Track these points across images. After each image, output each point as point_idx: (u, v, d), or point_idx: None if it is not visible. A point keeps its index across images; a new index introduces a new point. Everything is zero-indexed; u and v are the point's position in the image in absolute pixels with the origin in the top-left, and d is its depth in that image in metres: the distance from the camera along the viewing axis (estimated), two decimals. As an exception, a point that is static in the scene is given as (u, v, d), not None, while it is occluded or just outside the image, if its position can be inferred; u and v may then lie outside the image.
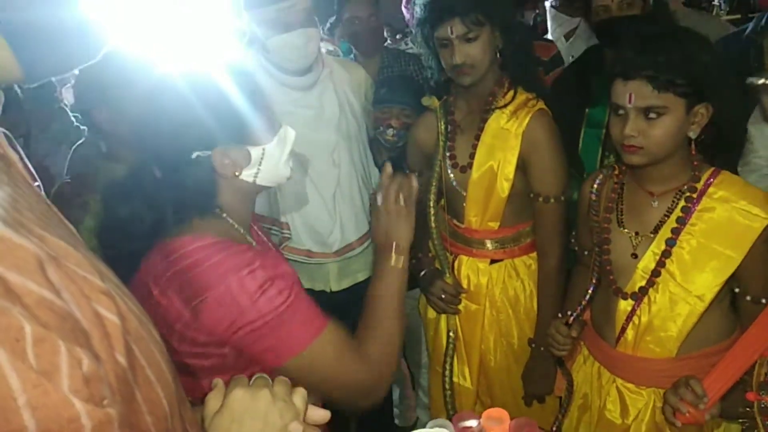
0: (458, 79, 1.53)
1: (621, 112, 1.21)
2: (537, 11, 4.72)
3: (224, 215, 1.04)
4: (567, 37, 3.01)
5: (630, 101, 1.17)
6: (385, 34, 2.74)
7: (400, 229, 1.14)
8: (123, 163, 1.59)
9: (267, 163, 1.03)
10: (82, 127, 1.89)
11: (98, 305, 0.41)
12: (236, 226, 1.06)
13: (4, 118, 2.03)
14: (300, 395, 0.71)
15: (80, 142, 1.86)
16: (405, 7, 2.56)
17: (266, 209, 1.84)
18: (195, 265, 0.95)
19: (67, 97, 2.51)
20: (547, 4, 3.39)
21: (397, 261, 1.12)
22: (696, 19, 2.55)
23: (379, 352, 1.06)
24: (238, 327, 0.94)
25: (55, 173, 2.14)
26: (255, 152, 1.02)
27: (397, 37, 3.62)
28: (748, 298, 1.25)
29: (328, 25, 2.63)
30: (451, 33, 1.47)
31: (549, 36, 3.21)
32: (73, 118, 2.37)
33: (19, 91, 2.31)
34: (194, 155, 0.98)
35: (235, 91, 0.99)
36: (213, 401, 0.69)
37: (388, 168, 1.15)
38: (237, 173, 1.01)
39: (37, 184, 1.49)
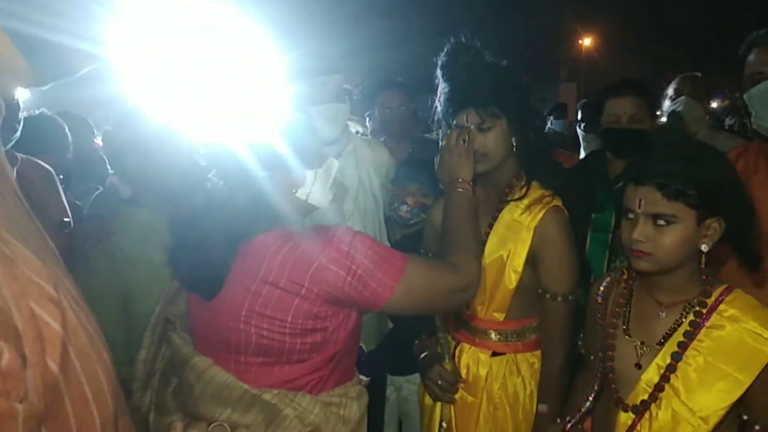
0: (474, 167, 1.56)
1: (631, 216, 1.20)
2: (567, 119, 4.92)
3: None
4: None
5: (640, 206, 1.17)
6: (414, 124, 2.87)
7: (462, 165, 1.43)
8: (143, 207, 1.64)
9: (317, 185, 1.23)
10: (111, 171, 1.98)
11: (42, 310, 0.41)
12: None
13: (51, 159, 2.11)
14: None
15: (104, 188, 1.94)
16: (437, 102, 2.70)
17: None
18: (297, 245, 1.13)
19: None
20: (578, 128, 3.60)
21: (463, 192, 1.40)
22: (721, 140, 2.60)
23: (462, 256, 1.30)
24: (352, 275, 1.12)
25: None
26: (309, 174, 1.22)
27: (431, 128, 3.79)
28: (758, 427, 1.18)
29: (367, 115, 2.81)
30: (467, 122, 1.51)
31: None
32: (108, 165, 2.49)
33: (69, 135, 2.45)
34: (262, 174, 1.16)
35: (296, 125, 1.22)
36: None
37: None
38: (294, 191, 1.20)
39: (68, 219, 1.52)
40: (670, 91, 2.85)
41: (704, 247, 1.18)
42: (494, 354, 1.65)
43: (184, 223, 1.24)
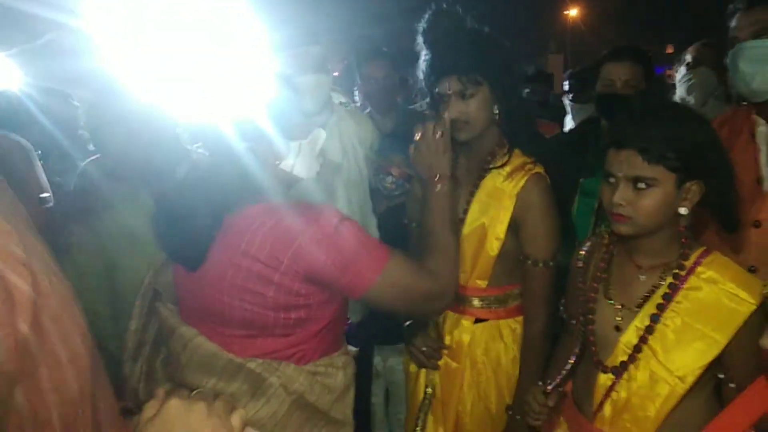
0: (454, 135, 1.55)
1: (612, 180, 1.21)
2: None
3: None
4: None
5: (620, 169, 1.18)
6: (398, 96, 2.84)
7: (441, 160, 1.38)
8: (125, 181, 1.63)
9: (302, 156, 1.22)
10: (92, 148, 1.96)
11: (11, 272, 0.41)
12: None
13: (28, 134, 2.08)
14: (239, 416, 0.70)
15: (89, 160, 1.91)
16: (419, 71, 2.68)
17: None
18: (281, 220, 1.11)
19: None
20: (565, 98, 3.58)
21: (441, 188, 1.36)
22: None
23: (441, 261, 1.26)
24: (332, 260, 1.10)
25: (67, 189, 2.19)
26: (293, 145, 1.20)
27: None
28: (732, 385, 1.21)
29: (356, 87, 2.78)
30: (449, 89, 1.50)
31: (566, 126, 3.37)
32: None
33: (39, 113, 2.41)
34: (245, 145, 1.15)
35: (277, 96, 1.21)
36: (149, 409, 0.68)
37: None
38: (277, 162, 1.19)
39: (47, 195, 1.50)
40: (688, 58, 2.78)
41: (683, 210, 1.19)
42: (477, 321, 1.67)
43: (169, 194, 1.23)
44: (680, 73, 2.80)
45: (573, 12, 21.10)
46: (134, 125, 1.54)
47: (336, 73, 3.47)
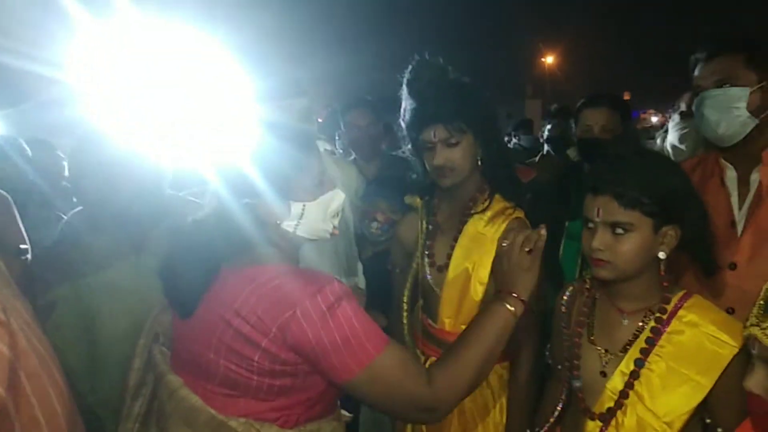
0: (439, 181, 1.58)
1: (591, 225, 1.23)
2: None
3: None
4: None
5: (598, 215, 1.20)
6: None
7: (522, 279, 1.22)
8: (104, 233, 1.61)
9: (307, 217, 1.17)
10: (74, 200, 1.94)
11: None
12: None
13: (7, 183, 2.06)
14: None
15: (73, 212, 1.90)
16: (402, 119, 2.74)
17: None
18: (279, 286, 1.07)
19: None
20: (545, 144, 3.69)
21: (511, 310, 1.20)
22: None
23: (449, 376, 1.13)
24: (318, 340, 1.04)
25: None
26: (296, 207, 1.17)
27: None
28: (720, 430, 1.20)
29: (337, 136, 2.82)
30: (434, 137, 1.53)
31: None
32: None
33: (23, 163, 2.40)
34: (244, 201, 1.13)
35: (282, 153, 1.16)
36: None
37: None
38: (278, 222, 1.16)
39: (26, 246, 1.48)
40: (682, 106, 2.85)
41: (662, 255, 1.21)
42: (464, 368, 1.65)
43: (176, 238, 1.22)
44: (674, 120, 2.88)
45: (549, 59, 21.81)
46: (114, 173, 1.54)
47: (320, 119, 3.53)
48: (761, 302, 0.98)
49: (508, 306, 1.19)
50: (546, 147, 3.64)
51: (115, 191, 1.54)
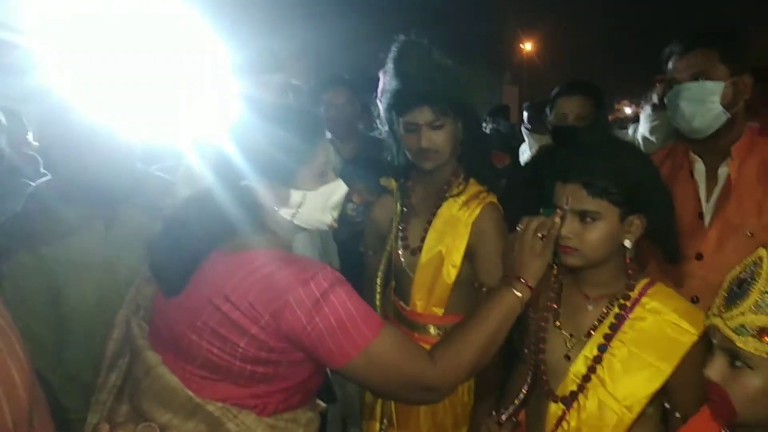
0: (421, 164, 1.58)
1: (559, 212, 1.25)
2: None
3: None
4: None
5: (567, 203, 1.22)
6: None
7: (531, 265, 1.21)
8: (74, 204, 1.58)
9: (306, 207, 1.15)
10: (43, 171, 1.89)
11: None
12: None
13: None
14: None
15: (40, 181, 1.85)
16: (379, 99, 2.71)
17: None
18: (272, 273, 1.05)
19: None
20: (523, 128, 3.73)
21: (518, 295, 1.19)
22: None
23: (452, 356, 1.12)
24: (313, 325, 1.03)
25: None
26: (296, 195, 1.14)
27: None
28: (678, 415, 1.24)
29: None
30: (420, 119, 1.53)
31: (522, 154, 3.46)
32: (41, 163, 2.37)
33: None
34: (243, 183, 1.10)
35: (288, 138, 1.12)
36: None
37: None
38: (276, 208, 1.13)
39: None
40: (654, 98, 2.88)
41: (627, 243, 1.24)
42: (433, 349, 1.68)
43: (174, 212, 1.17)
44: (645, 112, 2.92)
45: (528, 46, 21.87)
46: (83, 144, 1.50)
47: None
48: (724, 293, 1.00)
49: (516, 291, 1.19)
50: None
51: (84, 163, 1.51)
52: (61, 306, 1.54)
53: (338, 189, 1.21)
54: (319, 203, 1.17)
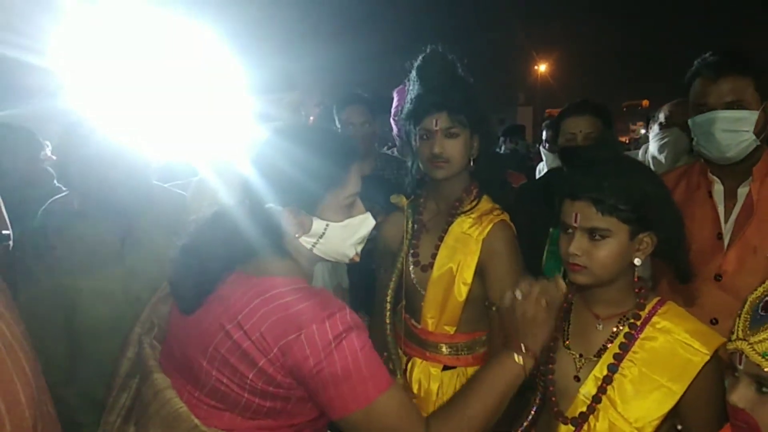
0: (432, 172, 1.58)
1: (569, 231, 1.25)
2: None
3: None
4: None
5: (575, 221, 1.21)
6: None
7: (533, 333, 1.16)
8: (90, 220, 1.61)
9: (328, 238, 1.12)
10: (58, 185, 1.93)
11: None
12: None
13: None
14: None
15: (55, 198, 1.88)
16: (393, 118, 2.72)
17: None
18: (288, 305, 1.02)
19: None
20: (541, 146, 3.79)
21: (521, 364, 1.15)
22: None
23: (448, 430, 1.08)
24: (319, 368, 0.99)
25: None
26: (318, 225, 1.11)
27: (386, 147, 3.85)
28: (690, 436, 1.23)
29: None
30: (435, 125, 1.55)
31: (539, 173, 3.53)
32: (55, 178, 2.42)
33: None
34: (267, 206, 1.08)
35: (317, 164, 1.09)
36: None
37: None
38: (297, 235, 1.10)
39: (6, 232, 1.48)
40: (661, 117, 2.86)
41: (637, 261, 1.23)
42: (445, 368, 1.67)
43: (197, 228, 1.16)
44: (654, 131, 2.90)
45: (542, 68, 21.97)
46: (102, 163, 1.54)
47: (312, 118, 3.52)
48: (747, 316, 0.95)
49: (518, 361, 1.15)
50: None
51: (101, 178, 1.55)
52: (75, 322, 1.56)
53: (365, 223, 1.16)
54: (342, 236, 1.13)
